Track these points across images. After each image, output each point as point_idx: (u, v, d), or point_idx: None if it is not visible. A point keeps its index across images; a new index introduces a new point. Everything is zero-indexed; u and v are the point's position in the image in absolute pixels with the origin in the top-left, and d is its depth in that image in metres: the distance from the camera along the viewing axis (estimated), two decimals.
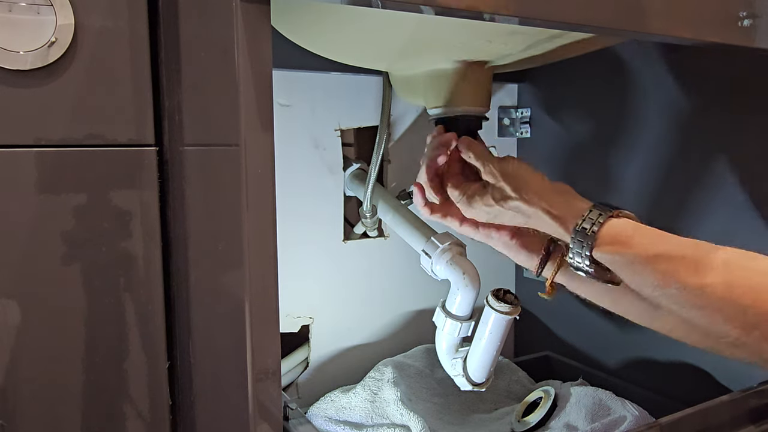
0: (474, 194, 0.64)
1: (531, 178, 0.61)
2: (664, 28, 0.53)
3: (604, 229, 0.54)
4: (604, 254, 0.54)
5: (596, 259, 0.54)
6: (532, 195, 0.59)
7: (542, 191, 0.59)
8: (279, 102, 0.87)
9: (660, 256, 0.50)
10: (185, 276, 0.51)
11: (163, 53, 0.50)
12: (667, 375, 0.89)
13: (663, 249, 0.51)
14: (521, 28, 0.57)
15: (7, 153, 0.46)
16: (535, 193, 0.59)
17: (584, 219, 0.55)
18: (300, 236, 0.91)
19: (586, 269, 0.56)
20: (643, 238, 0.53)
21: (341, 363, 0.97)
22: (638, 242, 0.52)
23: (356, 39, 0.66)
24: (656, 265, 0.50)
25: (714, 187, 0.81)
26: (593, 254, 0.54)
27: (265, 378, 0.44)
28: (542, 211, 0.58)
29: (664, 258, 0.50)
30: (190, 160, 0.49)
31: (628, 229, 0.54)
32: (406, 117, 0.99)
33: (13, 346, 0.47)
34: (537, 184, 0.60)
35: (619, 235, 0.53)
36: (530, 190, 0.60)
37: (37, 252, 0.47)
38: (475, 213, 0.65)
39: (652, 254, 0.51)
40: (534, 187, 0.60)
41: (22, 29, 0.45)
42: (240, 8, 0.40)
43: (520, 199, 0.60)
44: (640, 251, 0.52)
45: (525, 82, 1.09)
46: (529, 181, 0.61)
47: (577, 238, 0.55)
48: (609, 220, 0.54)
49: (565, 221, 0.57)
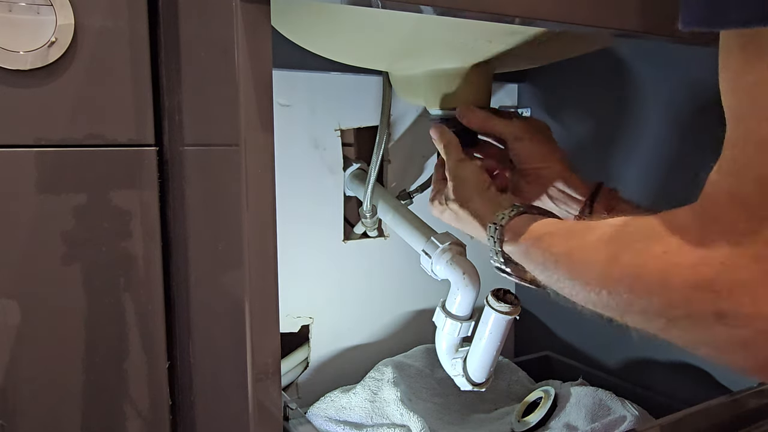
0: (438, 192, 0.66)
1: (471, 180, 0.61)
2: (665, 28, 0.53)
3: (513, 221, 0.53)
4: (509, 246, 0.52)
5: (505, 252, 0.53)
6: (466, 197, 0.60)
7: (475, 194, 0.60)
8: (279, 102, 0.87)
9: (545, 234, 0.48)
10: (185, 276, 0.51)
11: (163, 53, 0.50)
12: (667, 375, 0.89)
13: (550, 228, 0.48)
14: (521, 28, 0.57)
15: (7, 153, 0.46)
16: (469, 196, 0.60)
17: (500, 216, 0.54)
18: (300, 236, 0.91)
19: (502, 267, 0.55)
20: (541, 225, 0.50)
21: (341, 363, 0.97)
22: (533, 228, 0.50)
23: (356, 39, 0.66)
24: (540, 242, 0.48)
25: None
26: (503, 248, 0.53)
27: (265, 378, 0.44)
28: (470, 214, 0.59)
29: (548, 234, 0.48)
30: (190, 160, 0.49)
31: (536, 221, 0.51)
32: (406, 117, 0.99)
33: (13, 346, 0.47)
34: (473, 186, 0.61)
35: (526, 226, 0.51)
36: (466, 192, 0.61)
37: (37, 252, 0.47)
38: (434, 211, 0.68)
39: (539, 234, 0.49)
40: (470, 190, 0.60)
41: (22, 29, 0.45)
42: (240, 8, 0.40)
43: (457, 200, 0.61)
44: (532, 235, 0.50)
45: (525, 82, 1.09)
46: (468, 183, 0.61)
47: (489, 234, 0.54)
48: (522, 215, 0.53)
49: (483, 220, 0.57)
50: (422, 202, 0.89)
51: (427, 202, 0.70)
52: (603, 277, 0.40)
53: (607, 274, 0.40)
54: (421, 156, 1.00)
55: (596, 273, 0.41)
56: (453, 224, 0.65)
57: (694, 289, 0.34)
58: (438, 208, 0.66)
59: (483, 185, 0.61)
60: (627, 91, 0.92)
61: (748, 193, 0.34)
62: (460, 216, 0.62)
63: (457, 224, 0.64)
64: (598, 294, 0.41)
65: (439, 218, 0.68)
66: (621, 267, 0.39)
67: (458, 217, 0.62)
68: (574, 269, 0.43)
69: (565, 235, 0.46)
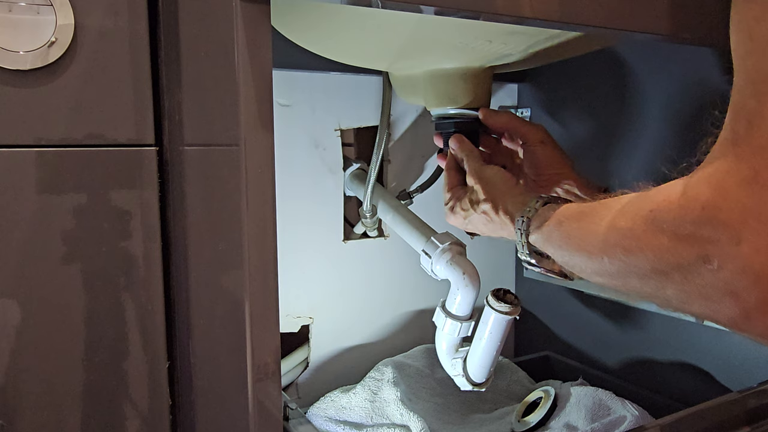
0: (458, 200, 0.65)
1: (501, 182, 0.61)
2: (665, 28, 0.53)
3: (539, 212, 0.53)
4: (534, 235, 0.52)
5: (532, 244, 0.53)
6: (499, 199, 0.60)
7: (508, 195, 0.60)
8: (279, 102, 0.87)
9: (565, 218, 0.49)
10: (185, 276, 0.51)
11: (163, 53, 0.50)
12: (667, 375, 0.89)
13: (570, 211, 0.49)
14: (521, 28, 0.57)
15: (7, 153, 0.46)
16: (502, 197, 0.60)
17: (528, 209, 0.54)
18: (300, 236, 0.91)
19: (529, 260, 0.55)
20: (563, 209, 0.50)
21: (341, 363, 0.97)
22: (555, 214, 0.50)
23: (356, 39, 0.66)
24: (559, 226, 0.49)
25: None
26: (530, 240, 0.53)
27: (265, 378, 0.44)
28: (503, 214, 0.59)
29: (566, 218, 0.49)
30: (190, 160, 0.49)
31: (560, 207, 0.51)
32: (406, 117, 0.99)
33: (13, 346, 0.47)
34: (505, 188, 0.60)
35: (550, 214, 0.51)
36: (498, 194, 0.60)
37: (37, 252, 0.47)
38: (454, 219, 0.67)
39: (559, 219, 0.49)
40: (502, 191, 0.60)
41: (22, 29, 0.45)
42: (240, 8, 0.40)
43: (490, 202, 0.60)
44: (552, 221, 0.50)
45: (525, 82, 1.09)
46: (499, 185, 0.61)
47: (517, 227, 0.54)
48: (547, 205, 0.53)
49: (513, 216, 0.57)
50: (422, 202, 0.89)
51: (427, 202, 0.70)
52: (602, 244, 0.42)
53: (605, 240, 0.42)
54: (421, 156, 1.00)
55: (598, 241, 0.43)
56: (481, 229, 0.64)
57: (679, 238, 0.36)
58: (461, 214, 0.65)
59: (511, 182, 0.61)
60: (627, 91, 0.92)
61: (739, 132, 0.35)
62: (492, 218, 0.60)
63: (486, 227, 0.63)
64: (600, 261, 0.43)
65: (460, 227, 0.67)
66: (616, 231, 0.41)
67: (490, 220, 0.61)
68: (581, 242, 0.45)
69: (578, 215, 0.47)
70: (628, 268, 0.40)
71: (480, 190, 0.62)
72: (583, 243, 0.45)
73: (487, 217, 0.61)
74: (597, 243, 0.43)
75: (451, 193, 0.68)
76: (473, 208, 0.62)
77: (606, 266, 0.42)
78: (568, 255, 0.48)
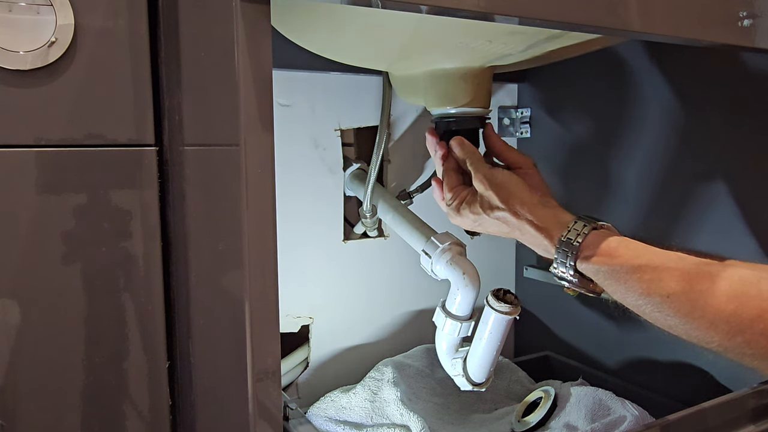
0: (463, 201, 0.65)
1: (518, 189, 0.62)
2: (665, 28, 0.53)
3: (588, 239, 0.55)
4: (589, 264, 0.55)
5: (579, 269, 0.56)
6: (519, 207, 0.60)
7: (529, 204, 0.60)
8: (279, 102, 0.87)
9: (645, 266, 0.52)
10: (185, 276, 0.51)
11: (163, 53, 0.50)
12: (667, 375, 0.89)
13: (647, 259, 0.52)
14: (521, 28, 0.57)
15: (7, 153, 0.46)
16: (522, 206, 0.60)
17: (569, 230, 0.57)
18: (300, 236, 0.91)
19: (570, 279, 0.57)
20: (627, 249, 0.54)
21: (341, 363, 0.97)
22: (623, 253, 0.54)
23: (356, 39, 0.66)
24: (642, 274, 0.51)
25: (714, 187, 0.81)
26: (577, 265, 0.55)
27: (265, 378, 0.44)
28: (528, 224, 0.60)
29: (650, 268, 0.51)
30: (190, 160, 0.49)
31: (613, 240, 0.55)
32: (406, 117, 0.99)
33: (13, 346, 0.47)
34: (525, 196, 0.61)
35: (603, 246, 0.55)
36: (517, 202, 0.61)
37: (37, 252, 0.47)
38: (461, 220, 0.67)
39: (636, 264, 0.52)
40: (521, 199, 0.61)
41: (22, 29, 0.45)
42: (240, 8, 0.40)
43: (508, 210, 0.61)
44: (624, 262, 0.53)
45: (525, 82, 1.09)
46: (516, 192, 0.61)
47: (561, 248, 0.56)
48: (593, 232, 0.56)
49: (550, 233, 0.58)
50: (422, 202, 0.89)
51: (426, 203, 0.70)
52: (701, 312, 0.47)
53: (702, 311, 0.47)
54: (421, 156, 1.00)
55: (685, 305, 0.48)
56: (492, 231, 0.64)
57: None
58: (470, 217, 0.65)
59: (526, 187, 0.62)
60: (627, 91, 0.92)
61: None
62: (511, 224, 0.61)
63: (499, 230, 0.63)
64: (680, 320, 0.48)
65: (467, 227, 0.67)
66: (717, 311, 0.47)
67: (507, 224, 0.62)
68: (695, 311, 0.48)
69: (676, 275, 0.50)
70: (715, 340, 0.46)
71: (494, 196, 0.62)
72: (698, 313, 0.48)
73: (503, 222, 0.62)
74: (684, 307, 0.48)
75: (453, 193, 0.68)
76: (486, 213, 0.62)
77: (686, 327, 0.48)
78: (658, 312, 0.51)
